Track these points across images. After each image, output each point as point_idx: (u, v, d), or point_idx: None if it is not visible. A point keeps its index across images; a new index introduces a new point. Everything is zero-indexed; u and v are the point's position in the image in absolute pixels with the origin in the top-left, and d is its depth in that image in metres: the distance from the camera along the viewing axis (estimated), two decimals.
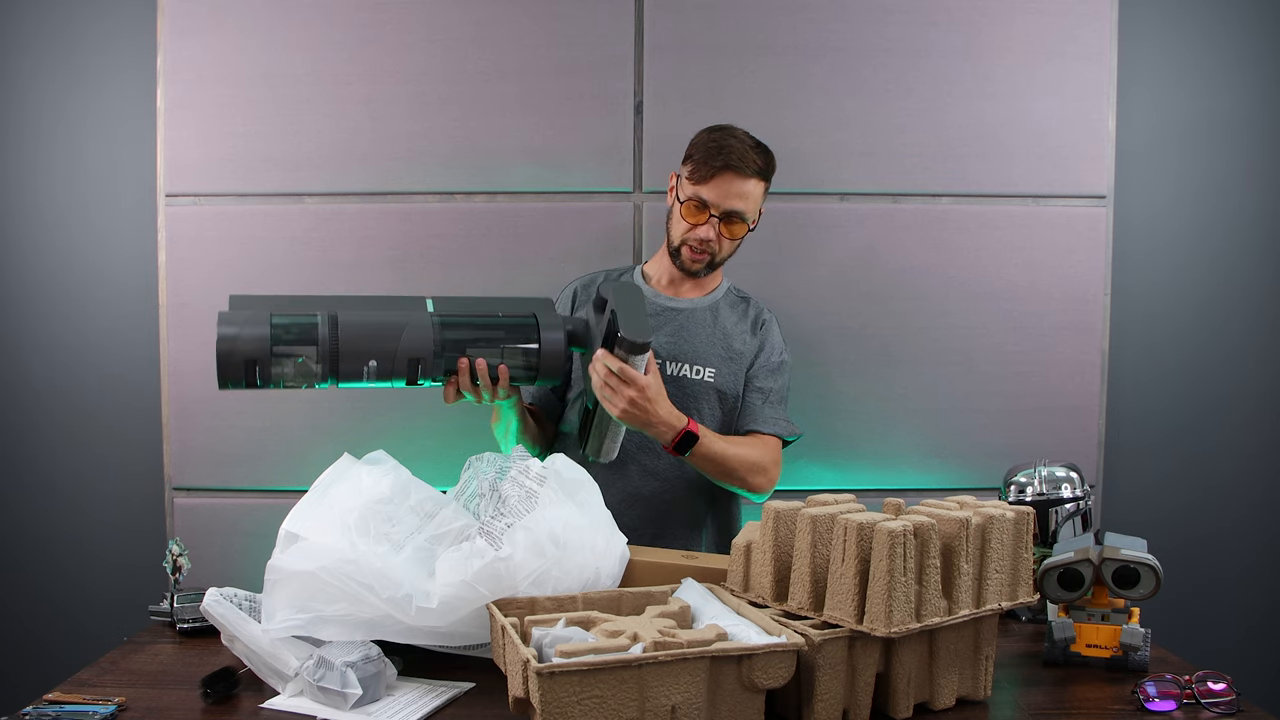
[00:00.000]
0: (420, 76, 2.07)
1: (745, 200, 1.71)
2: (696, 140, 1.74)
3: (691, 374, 1.79)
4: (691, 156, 1.72)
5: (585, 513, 1.35)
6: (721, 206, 1.70)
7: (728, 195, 1.69)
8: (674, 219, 1.77)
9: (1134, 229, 2.19)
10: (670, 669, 1.04)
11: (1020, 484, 1.68)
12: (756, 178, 1.71)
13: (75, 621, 2.20)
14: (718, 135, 1.72)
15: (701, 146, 1.71)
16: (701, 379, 1.79)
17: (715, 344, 1.81)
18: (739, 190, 1.70)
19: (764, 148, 1.74)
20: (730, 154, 1.68)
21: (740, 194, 1.70)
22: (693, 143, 1.75)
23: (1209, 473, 2.23)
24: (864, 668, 1.14)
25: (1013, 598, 1.24)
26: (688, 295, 1.85)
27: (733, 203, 1.70)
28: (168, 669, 1.34)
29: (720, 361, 1.81)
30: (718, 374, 1.80)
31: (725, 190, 1.69)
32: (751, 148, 1.71)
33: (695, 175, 1.70)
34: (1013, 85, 2.10)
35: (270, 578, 1.24)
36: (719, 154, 1.68)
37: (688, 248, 1.75)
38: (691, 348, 1.80)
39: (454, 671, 1.29)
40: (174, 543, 1.58)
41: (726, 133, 1.72)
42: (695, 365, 1.79)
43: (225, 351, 1.40)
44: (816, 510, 1.21)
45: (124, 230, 2.16)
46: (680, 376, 1.79)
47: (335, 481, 1.36)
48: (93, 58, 2.14)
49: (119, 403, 2.17)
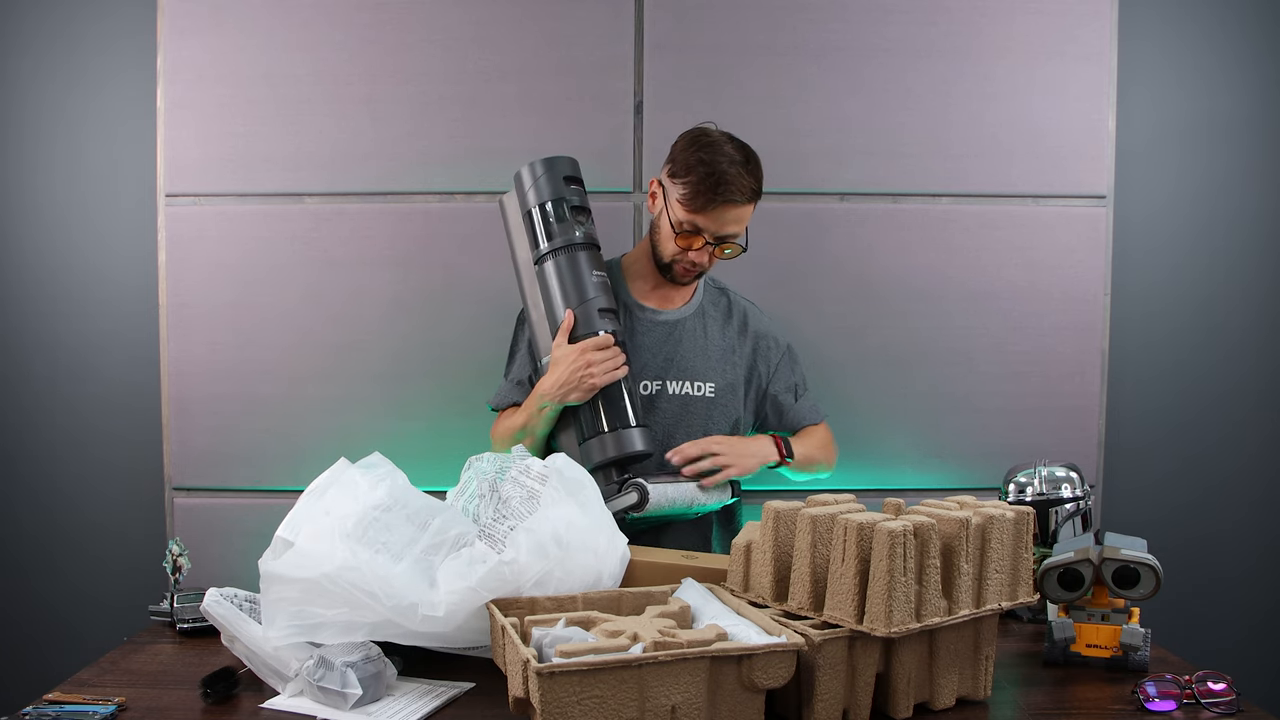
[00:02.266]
0: (421, 76, 2.07)
1: (739, 224, 1.69)
2: (685, 157, 1.66)
3: (694, 391, 1.78)
4: (684, 178, 1.65)
5: (587, 513, 1.34)
6: (717, 234, 1.68)
7: (723, 224, 1.67)
8: (663, 237, 1.72)
9: (1134, 229, 2.19)
10: (670, 669, 1.04)
11: (1020, 484, 1.68)
12: (751, 202, 1.68)
13: (75, 621, 2.19)
14: (709, 157, 1.63)
15: (695, 170, 1.63)
16: (704, 394, 1.78)
17: (710, 354, 1.81)
18: (734, 217, 1.67)
19: (753, 161, 1.68)
20: (729, 188, 1.62)
21: (736, 219, 1.67)
22: (680, 158, 1.67)
23: (1209, 472, 2.23)
24: (864, 668, 1.14)
25: (1013, 598, 1.24)
26: (674, 306, 1.82)
27: (728, 229, 1.68)
28: (168, 669, 1.34)
29: (718, 374, 1.80)
30: (718, 387, 1.79)
31: (721, 219, 1.66)
32: (743, 168, 1.65)
33: (690, 204, 1.65)
34: (1013, 85, 2.10)
35: (268, 584, 1.23)
36: (717, 187, 1.62)
37: (680, 266, 1.73)
38: (689, 364, 1.79)
39: (454, 671, 1.29)
40: (174, 543, 1.58)
41: (716, 151, 1.64)
42: (696, 381, 1.78)
43: None
44: (816, 510, 1.21)
45: (124, 230, 2.16)
46: (684, 395, 1.78)
47: (329, 486, 1.35)
48: (93, 58, 2.14)
49: (119, 403, 2.17)
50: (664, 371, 1.78)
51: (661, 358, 1.78)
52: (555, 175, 1.72)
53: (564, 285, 1.69)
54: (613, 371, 1.65)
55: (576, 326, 1.67)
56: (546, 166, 1.73)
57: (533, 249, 1.73)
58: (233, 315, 2.09)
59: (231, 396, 2.09)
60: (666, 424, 1.77)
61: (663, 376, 1.78)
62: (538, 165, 1.73)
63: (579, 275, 1.69)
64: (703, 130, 1.70)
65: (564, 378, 1.64)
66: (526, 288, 1.76)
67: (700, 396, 1.78)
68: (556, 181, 1.72)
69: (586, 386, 1.64)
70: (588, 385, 1.63)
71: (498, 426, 1.81)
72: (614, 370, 1.65)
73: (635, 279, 1.83)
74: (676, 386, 1.78)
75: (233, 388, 2.08)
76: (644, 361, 1.77)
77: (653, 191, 1.74)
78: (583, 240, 1.70)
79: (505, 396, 1.82)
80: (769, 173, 1.71)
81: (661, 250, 1.74)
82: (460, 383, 1.96)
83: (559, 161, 1.74)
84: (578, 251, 1.70)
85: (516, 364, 1.84)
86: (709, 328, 1.82)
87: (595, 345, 1.65)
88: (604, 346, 1.65)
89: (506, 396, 1.82)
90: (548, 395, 1.66)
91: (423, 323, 2.09)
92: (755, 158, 1.69)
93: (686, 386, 1.78)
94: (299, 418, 2.08)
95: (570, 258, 1.69)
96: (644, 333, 1.79)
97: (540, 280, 1.72)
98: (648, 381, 1.77)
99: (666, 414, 1.77)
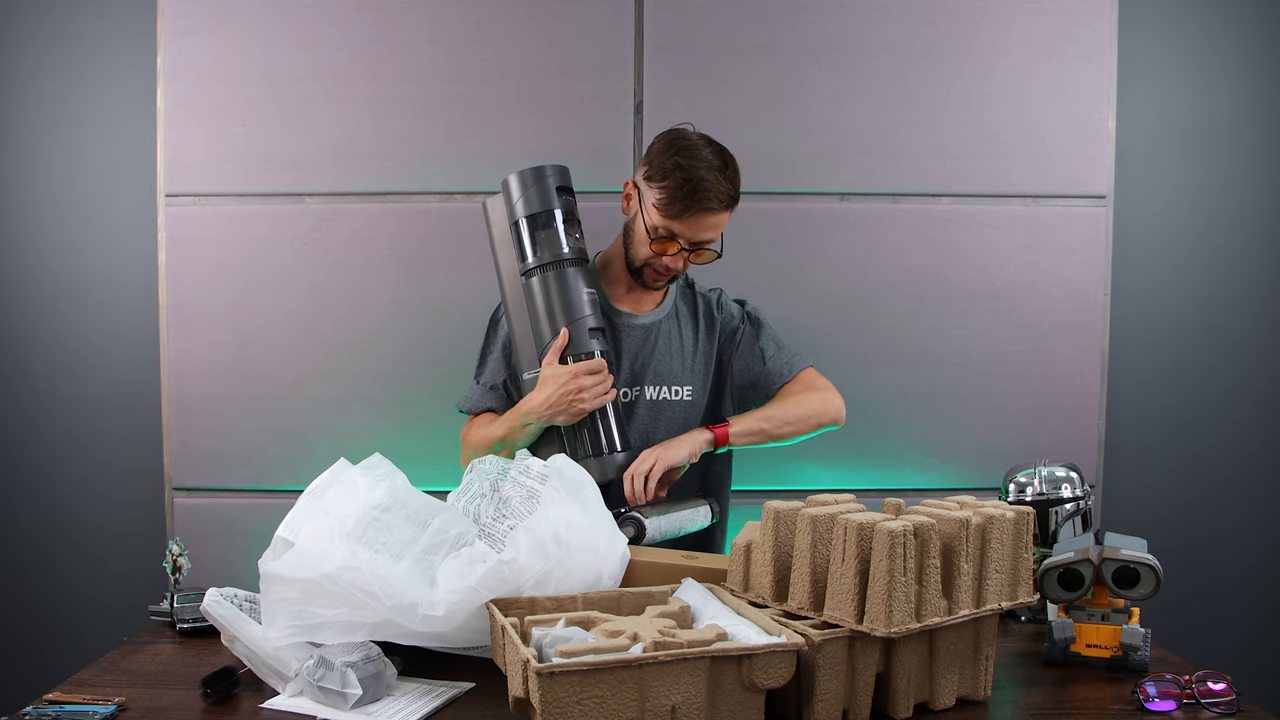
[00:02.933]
0: (421, 76, 2.07)
1: (715, 230, 1.67)
2: (662, 161, 1.64)
3: (671, 395, 1.77)
4: (660, 183, 1.63)
5: (587, 512, 1.35)
6: (692, 239, 1.66)
7: (700, 230, 1.65)
8: (637, 240, 1.70)
9: (1134, 229, 2.19)
10: (670, 669, 1.04)
11: (1020, 484, 1.68)
12: (728, 209, 1.67)
13: (75, 621, 2.20)
14: (686, 162, 1.61)
15: (672, 175, 1.61)
16: (681, 399, 1.77)
17: (685, 356, 1.79)
18: (711, 224, 1.65)
19: (730, 166, 1.66)
20: (707, 195, 1.61)
21: (712, 226, 1.66)
22: (657, 161, 1.65)
23: (1209, 472, 2.23)
24: (864, 668, 1.14)
25: (1013, 598, 1.25)
26: (647, 309, 1.81)
27: (704, 235, 1.66)
28: (168, 669, 1.34)
29: (695, 376, 1.79)
30: (694, 390, 1.78)
31: (698, 226, 1.65)
32: (721, 173, 1.63)
33: (666, 209, 1.63)
34: (1012, 85, 2.10)
35: (268, 584, 1.23)
36: (695, 195, 1.60)
37: (652, 270, 1.72)
38: (666, 368, 1.77)
39: (454, 671, 1.29)
40: (174, 543, 1.58)
41: (694, 156, 1.62)
42: (673, 386, 1.77)
43: None
44: (816, 510, 1.21)
45: (124, 230, 2.16)
46: (660, 400, 1.77)
47: (329, 486, 1.35)
48: (93, 58, 2.14)
49: (119, 403, 2.17)
50: (640, 377, 1.77)
51: (639, 363, 1.77)
52: (545, 185, 1.68)
53: (551, 302, 1.66)
54: (601, 396, 1.64)
55: (568, 345, 1.66)
56: (536, 176, 1.69)
57: (519, 260, 1.69)
58: (233, 315, 2.09)
59: (232, 396, 2.09)
60: (645, 429, 1.76)
61: (639, 382, 1.77)
62: (527, 174, 1.69)
63: (568, 292, 1.66)
64: (680, 133, 1.68)
65: (553, 399, 1.62)
66: (510, 297, 1.73)
67: (678, 400, 1.77)
68: (547, 192, 1.68)
69: (575, 410, 1.63)
70: (576, 409, 1.63)
71: (470, 433, 1.78)
72: (603, 395, 1.64)
73: (610, 282, 1.81)
74: (654, 392, 1.77)
75: (233, 388, 2.08)
76: (620, 367, 1.76)
77: (627, 193, 1.73)
78: (572, 255, 1.68)
79: (478, 401, 1.79)
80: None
81: (635, 254, 1.72)
82: (461, 383, 1.95)
83: (549, 170, 1.70)
84: (567, 267, 1.67)
85: (489, 368, 1.81)
86: (683, 330, 1.81)
87: (588, 369, 1.63)
88: (596, 370, 1.64)
89: (479, 401, 1.79)
90: (534, 413, 1.65)
91: (423, 323, 2.09)
92: (733, 162, 1.67)
93: (664, 391, 1.77)
94: (299, 418, 2.08)
95: (559, 273, 1.67)
96: (620, 338, 1.77)
97: (526, 293, 1.69)
98: (625, 389, 1.76)
99: (644, 419, 1.76)
